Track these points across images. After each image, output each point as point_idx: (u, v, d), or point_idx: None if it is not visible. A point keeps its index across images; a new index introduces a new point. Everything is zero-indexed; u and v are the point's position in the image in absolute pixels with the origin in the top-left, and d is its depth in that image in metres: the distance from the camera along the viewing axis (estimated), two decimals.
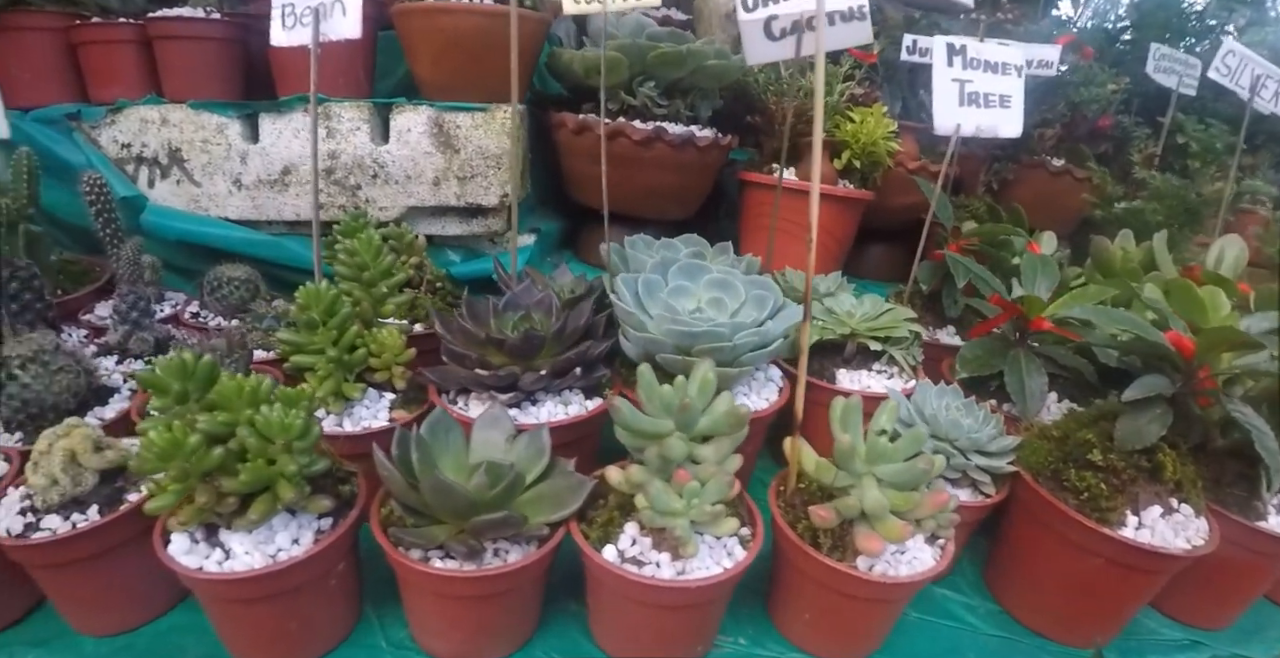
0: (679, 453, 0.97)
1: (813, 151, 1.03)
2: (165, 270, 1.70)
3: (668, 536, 0.97)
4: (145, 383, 0.96)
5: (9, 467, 1.10)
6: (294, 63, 1.65)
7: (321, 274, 1.68)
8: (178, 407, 0.96)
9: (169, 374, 0.95)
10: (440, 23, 1.55)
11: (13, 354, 1.21)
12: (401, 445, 0.97)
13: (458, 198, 1.65)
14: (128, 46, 1.70)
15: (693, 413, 0.97)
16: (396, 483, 0.91)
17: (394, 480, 0.91)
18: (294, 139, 1.63)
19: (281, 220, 1.71)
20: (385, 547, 0.92)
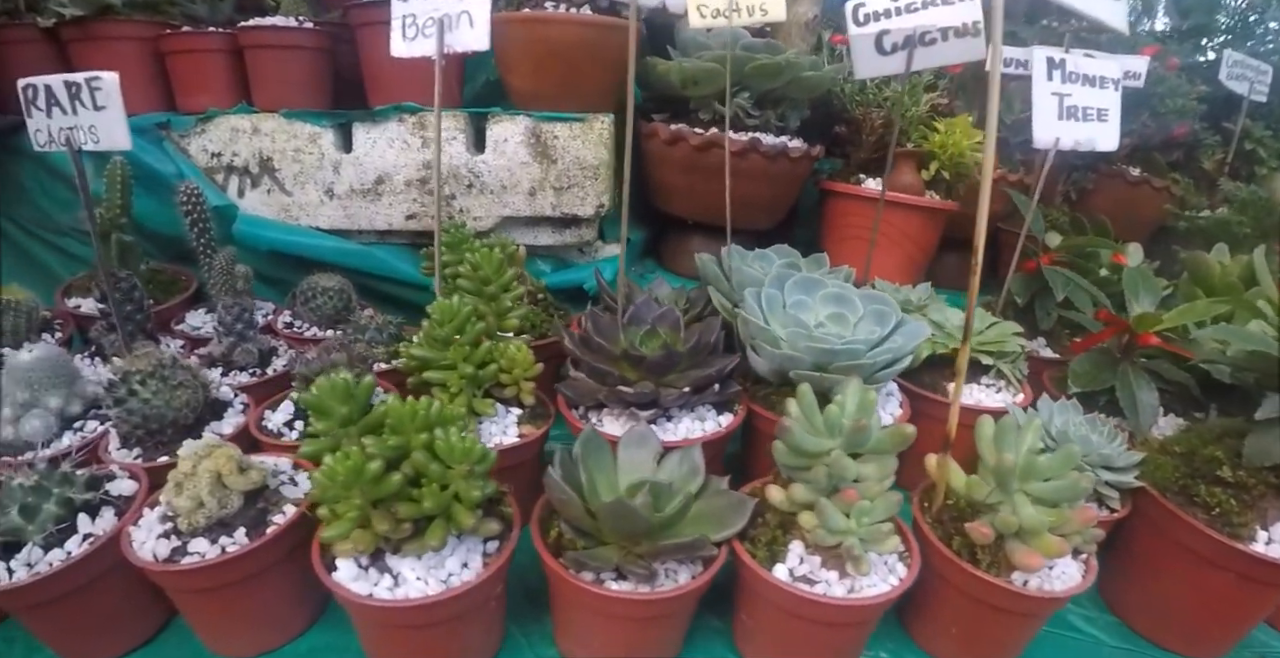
0: (851, 473, 0.97)
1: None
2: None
3: (837, 554, 0.97)
4: (310, 406, 0.95)
5: (139, 486, 1.08)
6: (387, 72, 1.64)
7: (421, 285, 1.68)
8: (340, 430, 0.95)
9: (332, 397, 0.94)
10: (542, 32, 1.53)
11: (133, 369, 1.19)
12: (567, 466, 0.96)
13: (553, 208, 1.64)
14: (217, 55, 1.69)
15: (866, 433, 0.96)
16: (573, 506, 0.90)
17: (571, 504, 0.90)
18: (388, 149, 1.62)
19: (372, 230, 1.69)
20: (556, 570, 0.91)
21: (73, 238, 1.81)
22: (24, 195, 1.80)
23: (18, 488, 0.99)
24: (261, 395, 1.33)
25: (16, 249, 1.84)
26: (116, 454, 1.19)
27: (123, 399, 1.17)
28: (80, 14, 1.65)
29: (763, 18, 1.37)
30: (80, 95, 1.15)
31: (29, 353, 1.24)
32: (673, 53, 1.77)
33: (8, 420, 1.21)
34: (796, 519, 1.01)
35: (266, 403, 1.30)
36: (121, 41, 1.71)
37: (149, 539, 0.97)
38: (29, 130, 1.21)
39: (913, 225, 1.81)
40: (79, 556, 0.95)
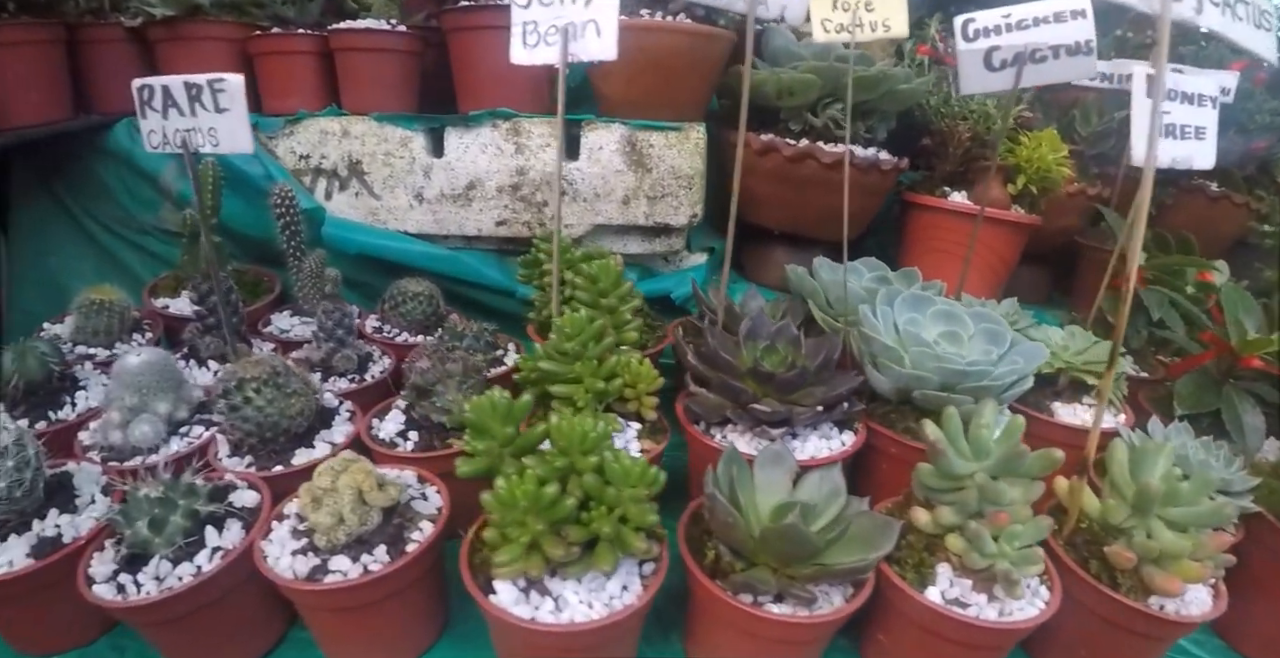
0: (1006, 497, 0.95)
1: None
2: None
3: (986, 577, 0.95)
4: (469, 425, 0.93)
5: (260, 497, 1.06)
6: (479, 77, 1.62)
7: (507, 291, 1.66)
8: (499, 449, 0.93)
9: (493, 417, 0.92)
10: (642, 40, 1.51)
11: (248, 376, 1.17)
12: (725, 487, 0.94)
13: (646, 217, 1.62)
14: (306, 57, 1.67)
15: (1022, 458, 0.95)
16: (738, 530, 0.88)
17: (736, 527, 0.88)
18: (480, 154, 1.60)
19: (460, 235, 1.67)
20: (714, 592, 0.89)
21: (154, 237, 1.80)
22: (107, 194, 1.78)
23: (144, 499, 0.97)
24: (361, 402, 1.31)
25: (98, 247, 1.82)
26: (228, 462, 1.17)
27: (237, 407, 1.16)
28: (170, 14, 1.64)
29: (885, 33, 1.36)
30: (201, 97, 1.13)
31: (137, 357, 1.22)
32: (758, 62, 1.75)
33: (116, 425, 1.20)
34: (943, 542, 1.01)
35: (373, 411, 1.28)
36: (209, 42, 1.69)
37: (283, 555, 0.95)
38: (142, 131, 1.19)
39: (998, 240, 1.79)
40: (212, 571, 0.93)
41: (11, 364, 1.27)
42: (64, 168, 1.79)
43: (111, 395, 1.21)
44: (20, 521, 1.01)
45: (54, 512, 1.04)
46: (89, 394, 1.33)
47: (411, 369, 1.24)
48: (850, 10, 1.35)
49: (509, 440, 0.90)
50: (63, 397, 1.31)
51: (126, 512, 0.97)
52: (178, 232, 1.77)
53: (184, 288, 1.64)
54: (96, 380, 1.37)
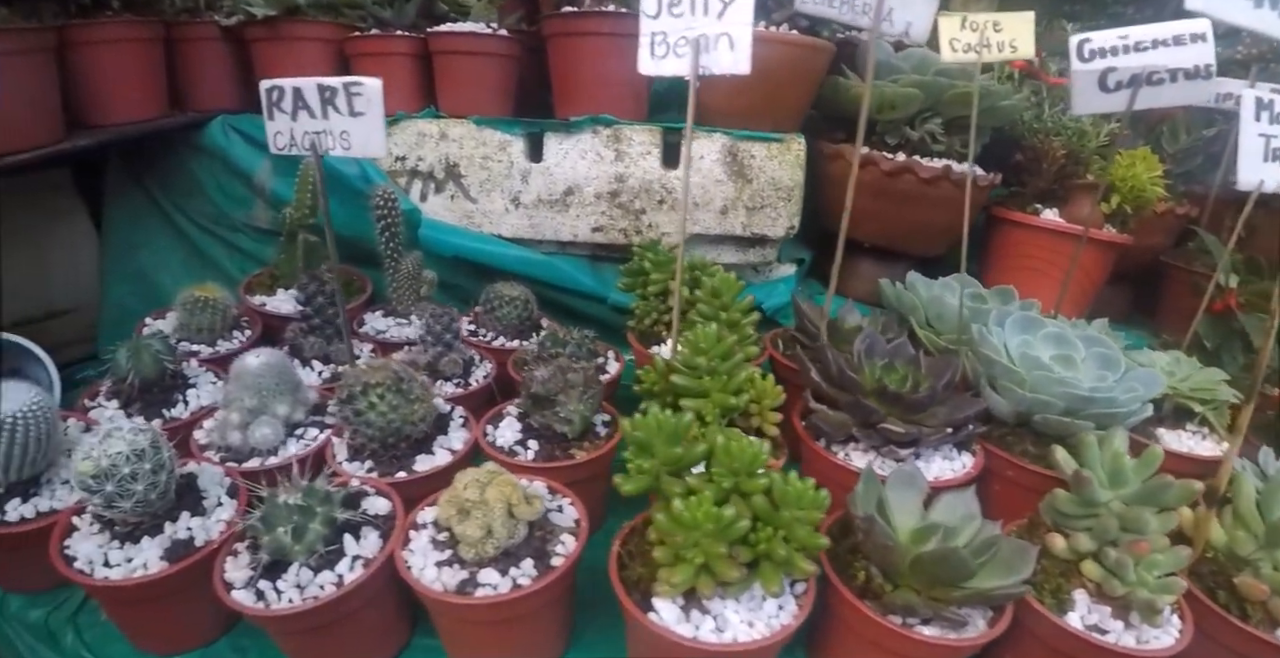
0: (1151, 525, 0.94)
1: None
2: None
3: (1124, 604, 0.95)
4: (634, 443, 0.92)
5: (391, 504, 1.06)
6: (580, 83, 1.62)
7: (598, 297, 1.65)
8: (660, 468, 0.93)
9: (659, 436, 0.92)
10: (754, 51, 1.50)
11: (372, 382, 1.17)
12: (873, 508, 0.93)
13: (744, 228, 1.61)
14: (404, 59, 1.67)
15: (1167, 488, 0.94)
16: (895, 553, 0.88)
17: (894, 551, 0.87)
18: (580, 160, 1.60)
19: (554, 241, 1.67)
20: (864, 612, 0.88)
21: (244, 234, 1.81)
22: (199, 191, 1.79)
23: (284, 506, 0.97)
24: (468, 407, 1.31)
25: (188, 243, 1.83)
26: (348, 466, 1.17)
27: (361, 412, 1.16)
28: (271, 14, 1.64)
29: (1012, 54, 1.35)
30: (335, 100, 1.13)
31: (256, 359, 1.22)
32: (852, 74, 1.74)
33: (236, 426, 1.20)
34: (1078, 568, 1.00)
35: (486, 418, 1.28)
36: (306, 42, 1.70)
37: (426, 566, 0.95)
38: (268, 132, 1.19)
39: (1088, 258, 1.77)
40: (357, 580, 0.93)
41: (127, 362, 1.27)
42: (157, 164, 1.80)
43: (230, 396, 1.22)
44: (153, 523, 1.02)
45: (185, 514, 1.04)
46: (199, 392, 1.34)
47: (530, 378, 1.23)
48: (979, 31, 1.34)
49: (675, 461, 0.89)
50: (175, 394, 1.31)
51: (267, 519, 0.96)
52: (269, 229, 1.78)
53: (280, 286, 1.65)
54: (205, 378, 1.38)
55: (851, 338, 1.44)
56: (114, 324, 1.79)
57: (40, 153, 1.46)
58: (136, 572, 0.97)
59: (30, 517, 1.07)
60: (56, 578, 1.13)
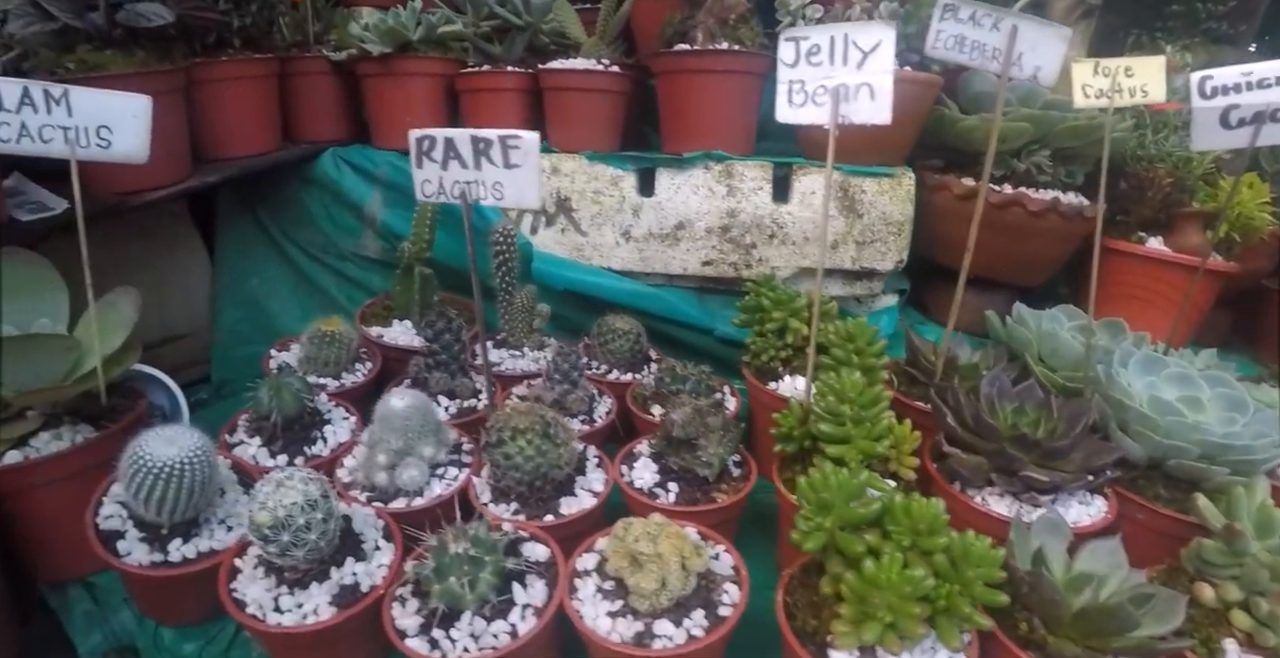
0: None
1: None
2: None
3: (1273, 655, 0.95)
4: (809, 500, 0.94)
5: (549, 550, 1.09)
6: (691, 119, 1.64)
7: (705, 329, 1.67)
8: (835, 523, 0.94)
9: (839, 495, 0.93)
10: None
11: (521, 426, 1.20)
12: (1038, 561, 0.94)
13: (853, 262, 1.62)
14: (514, 94, 1.70)
15: None
16: (1061, 607, 0.89)
17: (1060, 605, 0.89)
18: (692, 195, 1.62)
19: (664, 273, 1.69)
20: None
21: (352, 263, 1.85)
22: (308, 220, 1.83)
23: (457, 555, 0.99)
24: (594, 445, 1.34)
25: (296, 271, 1.88)
26: (494, 509, 1.20)
27: (510, 456, 1.18)
28: (386, 51, 1.67)
29: (1144, 98, 1.35)
30: (489, 152, 1.16)
31: (402, 401, 1.25)
32: (951, 105, 1.74)
33: (383, 467, 1.23)
34: (1227, 618, 1.01)
35: (620, 457, 1.30)
36: (418, 77, 1.74)
37: (598, 616, 0.97)
38: (415, 180, 1.22)
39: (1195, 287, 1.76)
40: (533, 630, 0.95)
41: (269, 400, 1.31)
42: (267, 194, 1.85)
43: (375, 437, 1.25)
44: (320, 569, 1.05)
45: (350, 560, 1.07)
46: (335, 428, 1.37)
47: (670, 421, 1.25)
48: (1110, 76, 1.34)
49: (852, 519, 0.91)
50: (314, 431, 1.35)
51: (440, 568, 0.99)
52: (377, 258, 1.82)
53: (394, 317, 1.68)
54: (337, 414, 1.41)
55: (969, 375, 1.45)
56: (226, 348, 1.84)
57: (174, 189, 1.51)
58: (309, 618, 1.00)
59: (192, 557, 1.11)
60: (207, 613, 1.18)
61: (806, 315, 1.47)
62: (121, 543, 1.10)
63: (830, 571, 0.95)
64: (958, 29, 1.34)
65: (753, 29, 1.63)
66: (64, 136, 1.12)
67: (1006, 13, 1.32)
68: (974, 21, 1.34)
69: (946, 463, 1.24)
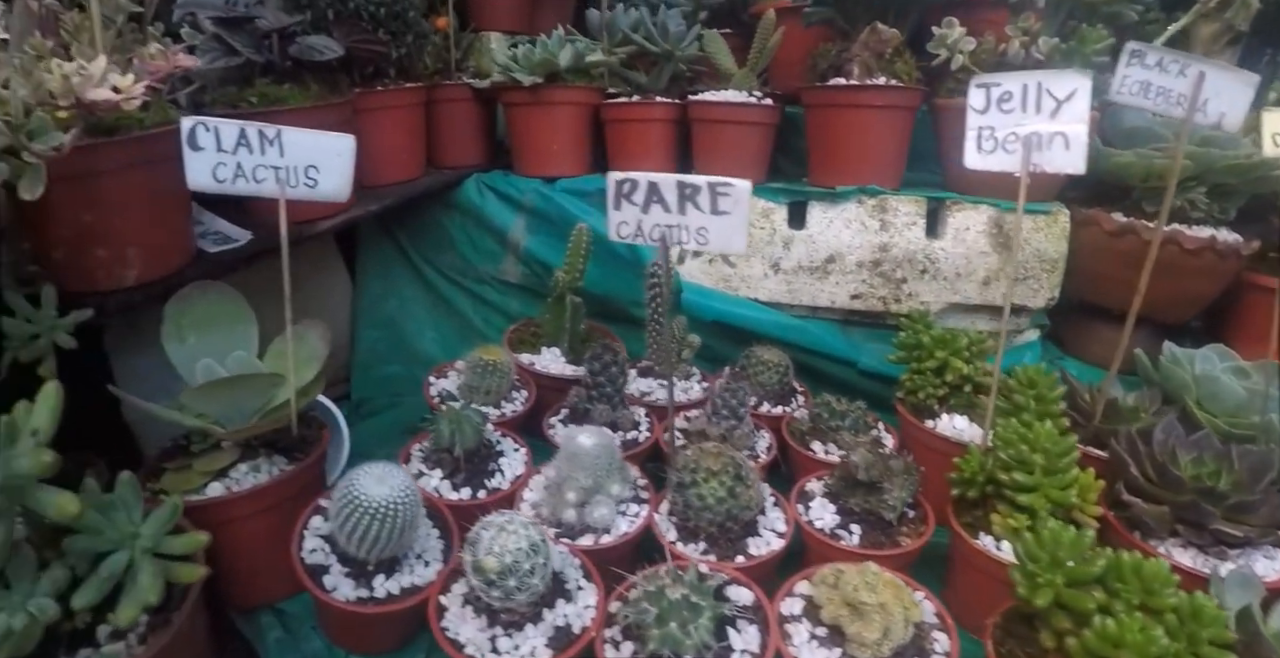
0: None
1: None
2: None
3: None
4: (1035, 556, 0.95)
5: (753, 595, 1.10)
6: (843, 153, 1.64)
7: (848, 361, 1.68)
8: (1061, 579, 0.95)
9: (1070, 551, 0.94)
10: None
11: (714, 468, 1.22)
12: (1246, 619, 0.95)
13: (1004, 298, 1.62)
14: (661, 124, 1.72)
15: None
16: None
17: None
18: (844, 229, 1.62)
19: (810, 306, 1.70)
20: None
21: (490, 287, 1.87)
22: (448, 244, 1.86)
23: (675, 599, 1.01)
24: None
25: (434, 293, 1.90)
26: (683, 548, 1.21)
27: (703, 497, 1.20)
28: (538, 82, 1.69)
29: None
30: (695, 197, 1.17)
31: (590, 440, 1.27)
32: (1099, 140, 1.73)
33: (572, 504, 1.25)
34: None
35: (795, 496, 1.31)
36: (564, 106, 1.76)
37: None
38: (610, 221, 1.23)
39: None
40: None
41: (450, 434, 1.33)
42: (407, 218, 1.87)
43: (564, 474, 1.27)
44: (533, 611, 1.07)
45: (560, 601, 1.09)
46: (509, 460, 1.39)
47: (853, 465, 1.26)
48: None
49: (1078, 577, 0.92)
50: (490, 464, 1.37)
51: (661, 614, 1.01)
52: (517, 283, 1.85)
53: (543, 344, 1.70)
54: (508, 445, 1.43)
55: (1130, 419, 1.44)
56: (365, 368, 1.88)
57: (343, 219, 1.54)
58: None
59: (395, 593, 1.13)
60: (399, 643, 1.21)
61: (966, 355, 1.48)
62: (327, 578, 1.13)
63: (1055, 625, 0.95)
64: (1144, 75, 1.33)
65: (907, 62, 1.64)
66: (275, 176, 1.15)
67: (1194, 59, 1.31)
68: (1160, 68, 1.33)
69: (1125, 511, 1.24)
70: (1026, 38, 1.61)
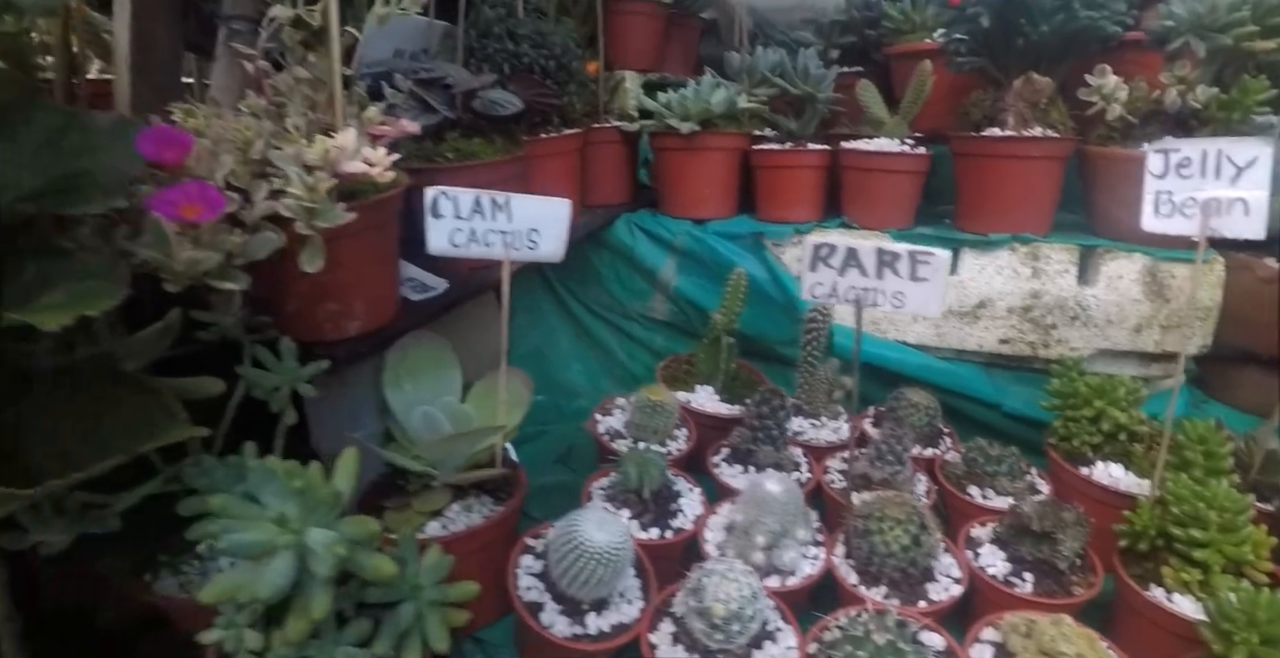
0: None
1: None
2: None
3: None
4: (1231, 618, 1.01)
5: (944, 640, 1.16)
6: (994, 201, 1.69)
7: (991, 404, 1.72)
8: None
9: (1268, 613, 0.99)
10: None
11: (899, 517, 1.28)
12: None
13: (1156, 345, 1.66)
14: (811, 171, 1.78)
15: None
16: None
17: None
18: (996, 275, 1.67)
19: (957, 349, 1.75)
20: None
21: (636, 322, 1.95)
22: (596, 280, 1.94)
23: (881, 645, 1.08)
24: None
25: (579, 327, 1.99)
26: (864, 592, 1.28)
27: (889, 544, 1.26)
28: (695, 129, 1.76)
29: None
30: (894, 265, 1.23)
31: (777, 486, 1.34)
32: None
33: (760, 548, 1.32)
34: None
35: (963, 541, 1.37)
36: (714, 151, 1.82)
37: None
38: (805, 282, 1.29)
39: None
40: None
41: (637, 476, 1.41)
42: None
43: (751, 518, 1.34)
44: (744, 651, 1.14)
45: (767, 642, 1.16)
46: (687, 500, 1.47)
47: (1026, 515, 1.31)
48: None
49: (1274, 638, 0.98)
50: (671, 504, 1.45)
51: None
52: (663, 320, 1.92)
53: (697, 382, 1.77)
54: (682, 485, 1.51)
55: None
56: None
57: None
58: None
59: (607, 631, 1.21)
60: None
61: (1123, 404, 1.52)
62: (543, 615, 1.21)
63: None
64: None
65: (1060, 111, 1.68)
66: (503, 240, 1.24)
67: None
68: None
69: None
70: (1183, 86, 1.64)
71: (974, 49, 1.71)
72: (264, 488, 0.83)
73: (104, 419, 0.91)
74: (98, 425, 0.90)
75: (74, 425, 0.89)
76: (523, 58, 1.65)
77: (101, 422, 0.91)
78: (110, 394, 0.92)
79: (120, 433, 0.84)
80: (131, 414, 0.91)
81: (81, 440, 0.88)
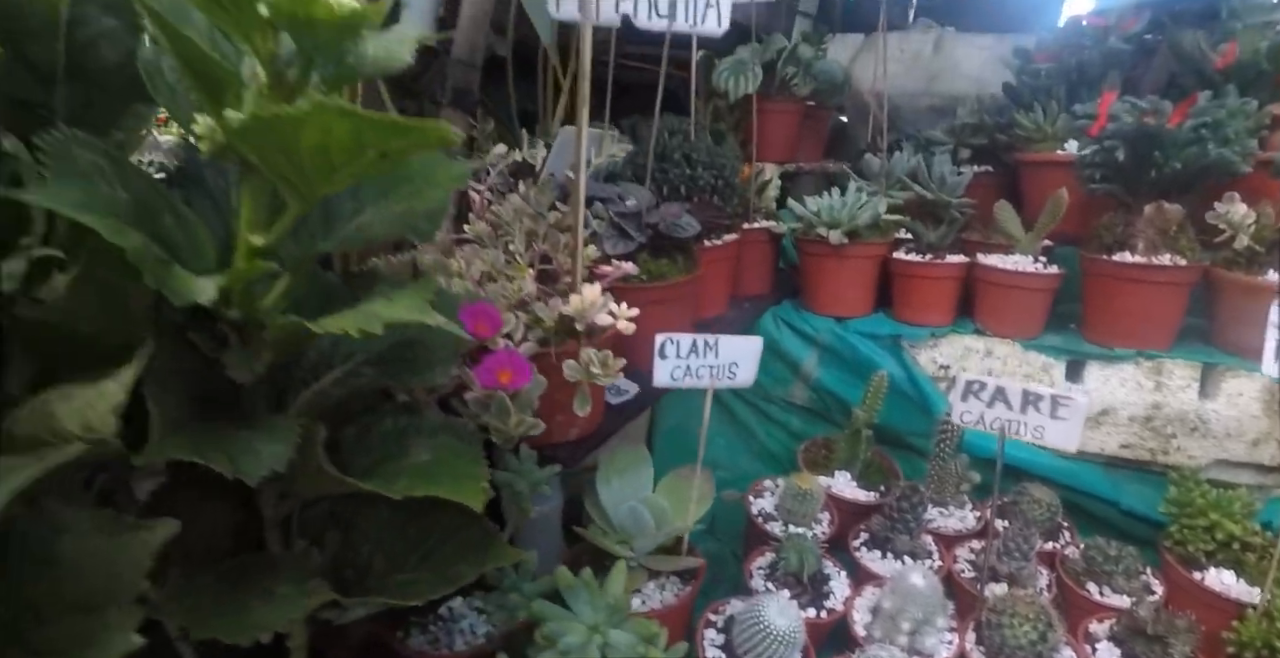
0: None
1: None
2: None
3: None
4: None
5: None
6: (1120, 319, 1.85)
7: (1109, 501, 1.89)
8: None
9: None
10: None
11: (1028, 615, 1.48)
12: None
13: (1272, 459, 1.80)
14: (947, 281, 1.97)
15: None
16: None
17: None
18: (1120, 387, 1.84)
19: (1083, 451, 1.92)
20: None
21: (775, 405, 2.18)
22: None
23: None
24: None
25: (719, 404, 2.22)
26: None
27: (1018, 637, 1.47)
28: (844, 241, 1.98)
29: None
30: (1038, 404, 1.43)
31: (923, 579, 1.55)
32: None
33: (905, 633, 1.54)
34: None
35: (1081, 637, 1.56)
36: (857, 259, 2.03)
37: None
38: (955, 409, 1.51)
39: None
40: None
41: (797, 561, 1.65)
42: None
43: (897, 606, 1.55)
44: None
45: None
46: (835, 583, 1.69)
47: (1141, 618, 1.49)
48: None
49: None
50: (823, 585, 1.68)
51: None
52: (802, 405, 2.15)
53: (835, 468, 1.99)
54: (830, 567, 1.73)
55: None
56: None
57: None
58: None
59: None
60: None
61: (1237, 516, 1.67)
62: None
63: None
64: None
65: (1189, 237, 1.83)
66: (710, 373, 1.49)
67: None
68: None
69: None
70: None
71: (1107, 176, 1.88)
72: (575, 596, 1.10)
73: (429, 530, 1.17)
74: (424, 537, 1.16)
75: (403, 527, 1.16)
76: (698, 181, 1.90)
77: (427, 531, 1.16)
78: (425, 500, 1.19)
79: (455, 555, 1.10)
80: (450, 524, 1.15)
81: (409, 548, 1.16)
